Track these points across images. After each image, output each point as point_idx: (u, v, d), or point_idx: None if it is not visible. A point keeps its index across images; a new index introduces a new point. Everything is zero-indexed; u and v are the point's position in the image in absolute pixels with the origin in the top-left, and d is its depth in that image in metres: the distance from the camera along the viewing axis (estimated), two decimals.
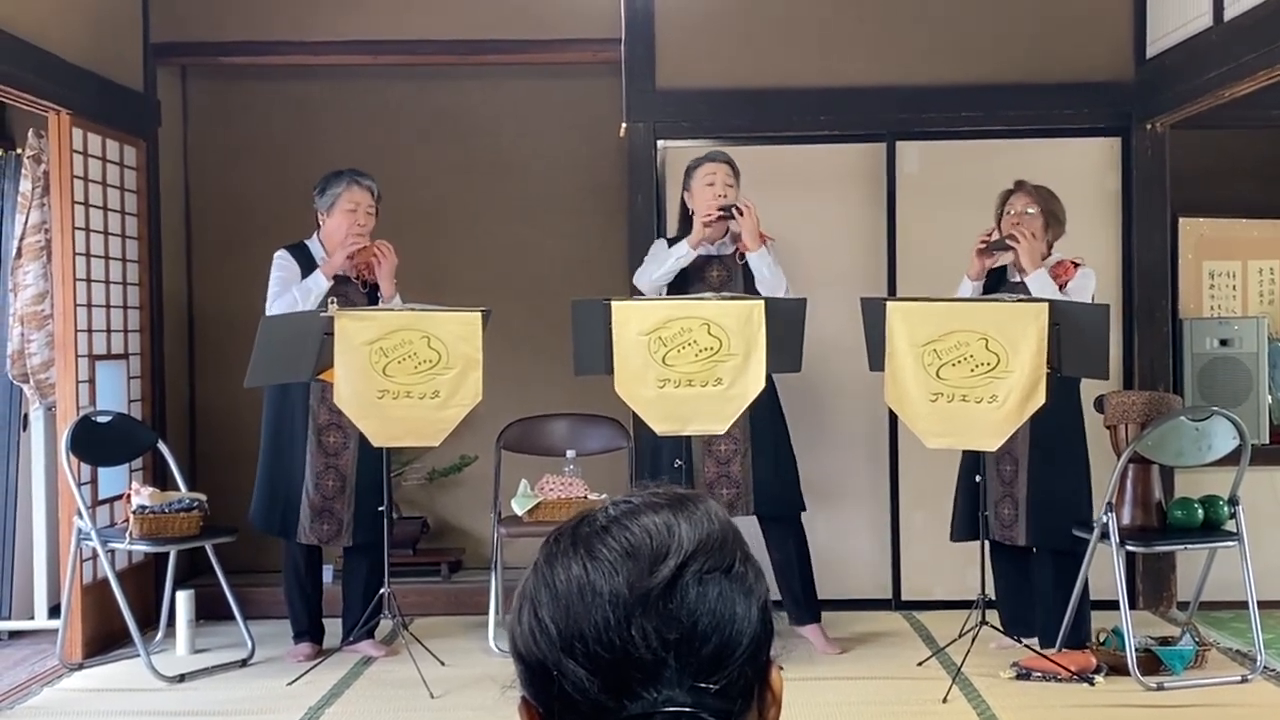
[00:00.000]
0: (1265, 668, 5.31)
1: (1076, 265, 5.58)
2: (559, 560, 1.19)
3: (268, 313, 5.63)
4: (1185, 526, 5.39)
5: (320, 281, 5.65)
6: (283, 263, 5.76)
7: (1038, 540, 5.53)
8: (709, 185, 5.78)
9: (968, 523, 5.66)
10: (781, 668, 1.24)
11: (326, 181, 5.82)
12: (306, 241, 5.84)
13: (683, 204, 5.93)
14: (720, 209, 5.70)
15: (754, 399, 5.41)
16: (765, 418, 5.72)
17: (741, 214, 5.68)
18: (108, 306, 6.22)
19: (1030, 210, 5.60)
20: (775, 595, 5.55)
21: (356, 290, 5.78)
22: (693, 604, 1.15)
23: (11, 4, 5.42)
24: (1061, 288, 5.47)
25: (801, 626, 5.79)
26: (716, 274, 5.78)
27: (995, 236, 5.63)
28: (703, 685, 1.15)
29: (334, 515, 5.75)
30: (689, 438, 5.68)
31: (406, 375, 5.31)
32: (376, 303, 5.73)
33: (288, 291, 5.65)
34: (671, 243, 5.88)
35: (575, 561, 1.17)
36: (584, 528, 1.20)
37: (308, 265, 5.75)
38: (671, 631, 1.14)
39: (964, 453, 5.69)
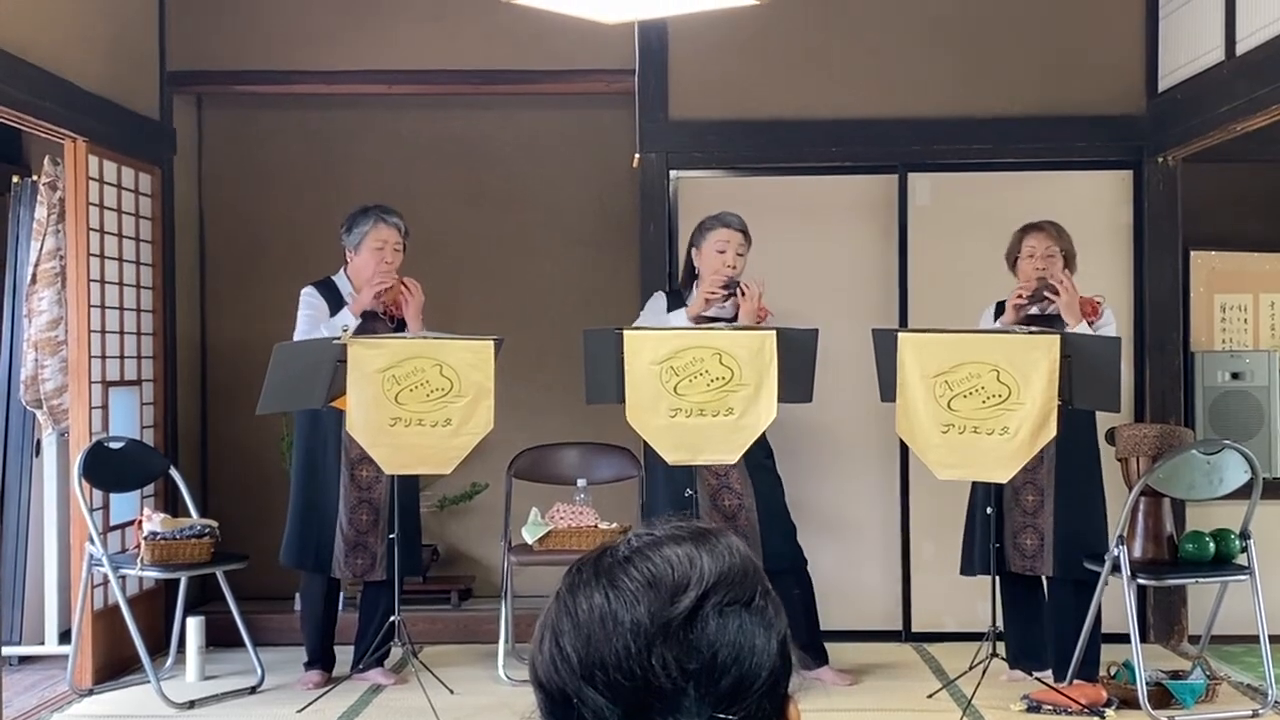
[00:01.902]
0: (1276, 702, 5.29)
1: (1099, 303, 5.58)
2: (581, 589, 1.20)
3: None
4: (1196, 560, 5.38)
5: (348, 320, 5.64)
6: (310, 300, 5.75)
7: (1063, 572, 5.52)
8: (719, 253, 5.72)
9: (982, 557, 5.64)
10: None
11: (353, 219, 5.79)
12: (334, 277, 5.83)
13: (688, 258, 5.87)
14: (723, 287, 5.68)
15: (751, 451, 5.42)
16: (763, 474, 5.70)
17: (744, 294, 5.65)
18: (121, 333, 6.24)
19: (1052, 252, 5.60)
20: None
21: (385, 325, 5.76)
22: (713, 635, 1.16)
23: (29, 32, 5.46)
24: (1089, 326, 5.47)
25: (812, 671, 5.74)
26: None
27: (1032, 289, 5.57)
28: (721, 716, 1.16)
29: (368, 549, 5.74)
30: (695, 480, 5.66)
31: (418, 403, 5.31)
32: None
33: (316, 330, 5.64)
34: (670, 296, 5.87)
35: (597, 591, 1.19)
36: (606, 558, 1.22)
37: (335, 301, 5.74)
38: (691, 661, 1.15)
39: (974, 485, 5.68)
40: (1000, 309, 5.70)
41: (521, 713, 1.27)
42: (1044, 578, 5.65)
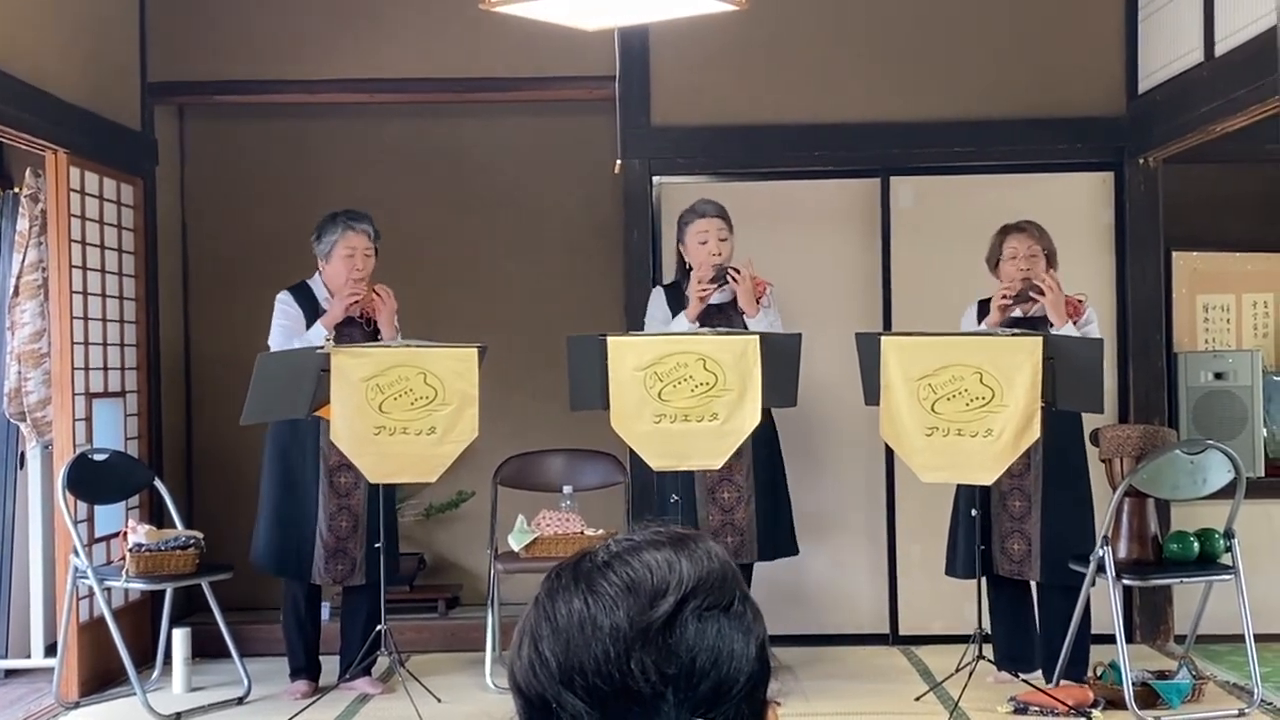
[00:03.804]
0: (1262, 701, 5.30)
1: (1081, 302, 5.59)
2: (560, 595, 1.20)
3: None
4: (1181, 560, 5.40)
5: (321, 334, 5.61)
6: (285, 309, 5.75)
7: (1052, 577, 5.52)
8: (702, 244, 5.75)
9: (967, 558, 5.65)
10: (780, 704, 1.25)
11: (322, 227, 5.79)
12: (309, 281, 5.84)
13: (679, 254, 5.90)
14: (712, 280, 5.69)
15: (757, 443, 5.44)
16: (766, 464, 5.72)
17: (735, 280, 5.66)
18: (104, 344, 6.22)
19: (1034, 252, 5.61)
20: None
21: (360, 330, 5.77)
22: (692, 640, 1.16)
23: (10, 44, 5.45)
24: (1073, 326, 5.48)
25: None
26: (717, 323, 5.75)
27: (1017, 289, 5.57)
28: None
29: (347, 555, 5.74)
30: (690, 478, 5.66)
31: (403, 411, 5.30)
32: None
33: (291, 342, 5.63)
34: (668, 290, 5.89)
35: (576, 596, 1.19)
36: (585, 563, 1.22)
37: (309, 306, 5.74)
38: (670, 666, 1.15)
39: (959, 486, 5.69)
40: (982, 308, 5.71)
41: (501, 719, 1.27)
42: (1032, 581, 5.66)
